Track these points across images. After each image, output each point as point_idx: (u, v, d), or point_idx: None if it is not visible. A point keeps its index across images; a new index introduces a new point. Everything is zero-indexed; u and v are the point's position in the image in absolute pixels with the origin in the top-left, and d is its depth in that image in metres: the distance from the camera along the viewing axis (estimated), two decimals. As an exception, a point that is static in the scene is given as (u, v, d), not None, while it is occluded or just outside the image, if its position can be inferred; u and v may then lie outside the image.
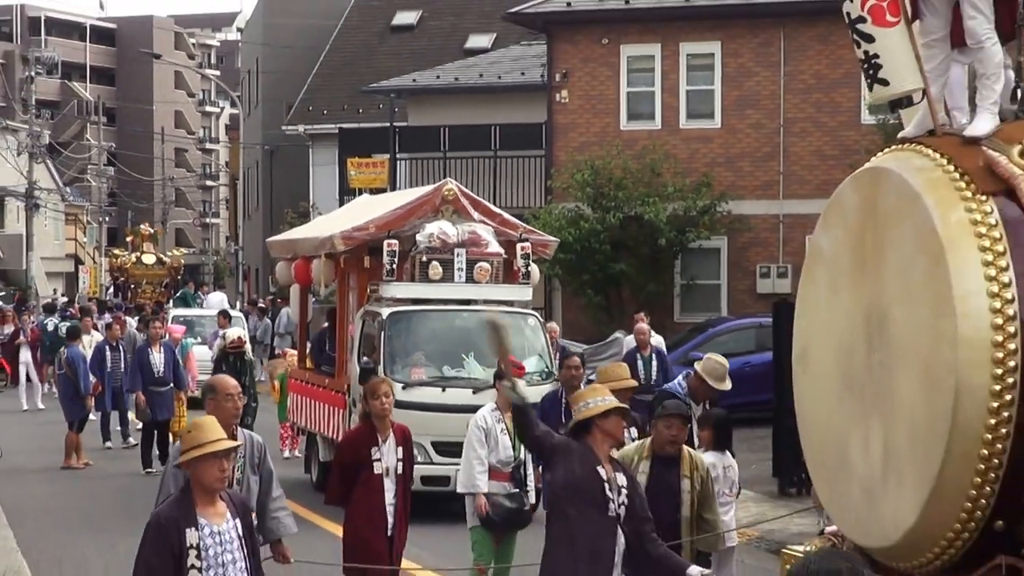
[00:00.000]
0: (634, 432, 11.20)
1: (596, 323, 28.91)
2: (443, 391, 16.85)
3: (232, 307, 39.49)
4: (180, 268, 52.46)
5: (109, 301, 48.85)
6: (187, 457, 7.00)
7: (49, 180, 64.41)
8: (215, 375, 11.44)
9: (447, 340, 17.58)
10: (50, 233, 67.85)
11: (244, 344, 22.99)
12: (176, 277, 50.23)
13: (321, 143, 45.01)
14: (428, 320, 17.67)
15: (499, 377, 12.07)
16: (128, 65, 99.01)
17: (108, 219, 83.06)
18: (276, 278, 24.15)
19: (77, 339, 24.09)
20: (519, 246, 17.94)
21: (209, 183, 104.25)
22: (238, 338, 22.84)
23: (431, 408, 16.44)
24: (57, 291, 62.30)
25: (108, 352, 23.46)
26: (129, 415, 24.15)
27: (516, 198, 32.82)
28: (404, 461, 11.00)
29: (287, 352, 24.70)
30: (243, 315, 36.42)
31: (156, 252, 50.93)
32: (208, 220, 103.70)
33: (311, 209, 42.43)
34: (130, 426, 24.07)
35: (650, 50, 30.82)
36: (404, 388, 16.30)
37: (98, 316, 37.78)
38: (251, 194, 59.25)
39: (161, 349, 21.75)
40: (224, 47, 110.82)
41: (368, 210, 19.59)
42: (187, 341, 24.37)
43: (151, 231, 52.87)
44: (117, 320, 27.34)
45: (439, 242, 17.48)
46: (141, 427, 21.98)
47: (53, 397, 26.56)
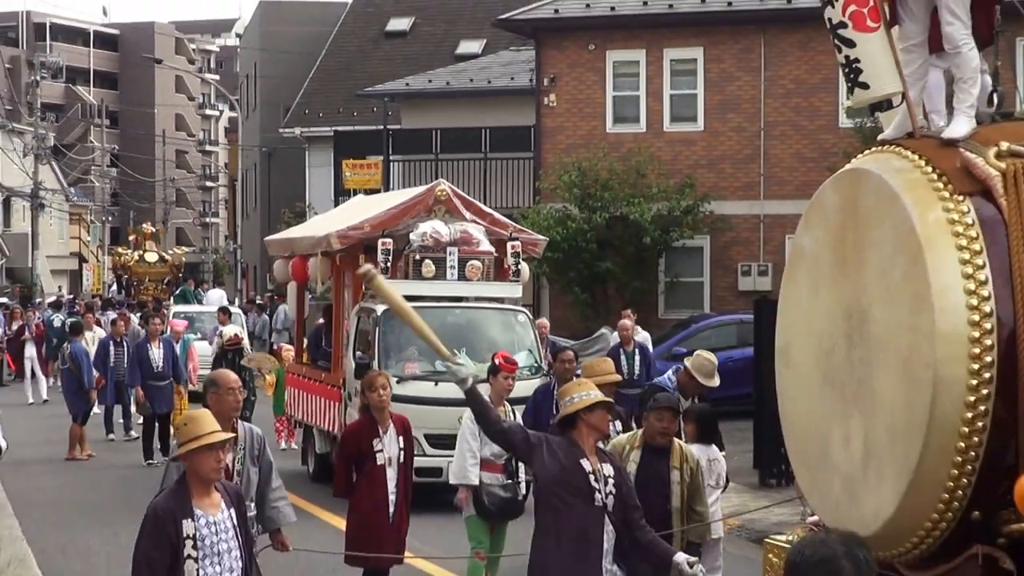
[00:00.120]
0: (618, 425, 11.16)
1: (583, 319, 28.87)
2: (435, 385, 16.79)
3: (231, 304, 39.43)
4: (181, 266, 52.42)
5: (113, 298, 48.80)
6: (185, 449, 6.95)
7: (54, 181, 64.26)
8: (217, 370, 11.38)
9: (440, 336, 17.47)
10: (55, 232, 67.72)
11: (241, 341, 23.02)
12: (177, 275, 50.18)
13: (317, 145, 44.92)
14: (421, 316, 17.57)
15: (492, 372, 12.10)
16: (130, 70, 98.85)
17: (111, 218, 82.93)
18: (274, 275, 24.10)
19: (80, 335, 24.05)
20: (509, 245, 17.91)
21: (209, 184, 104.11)
22: (234, 335, 22.88)
23: (424, 402, 16.40)
24: (62, 288, 62.17)
25: (112, 347, 23.41)
26: (131, 408, 24.10)
27: (506, 199, 32.78)
28: (405, 451, 10.98)
29: (283, 347, 24.66)
30: (242, 312, 36.37)
31: (158, 250, 50.92)
32: (208, 220, 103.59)
33: (307, 209, 42.35)
34: (132, 419, 24.01)
35: (635, 55, 30.78)
36: (398, 382, 16.23)
37: (101, 312, 37.77)
38: (249, 194, 59.15)
39: (160, 345, 21.73)
40: (223, 52, 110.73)
41: (363, 210, 19.54)
42: (188, 336, 24.33)
43: (153, 230, 52.85)
44: (122, 316, 27.29)
45: (432, 241, 17.45)
46: (142, 420, 21.94)
47: (57, 391, 26.50)
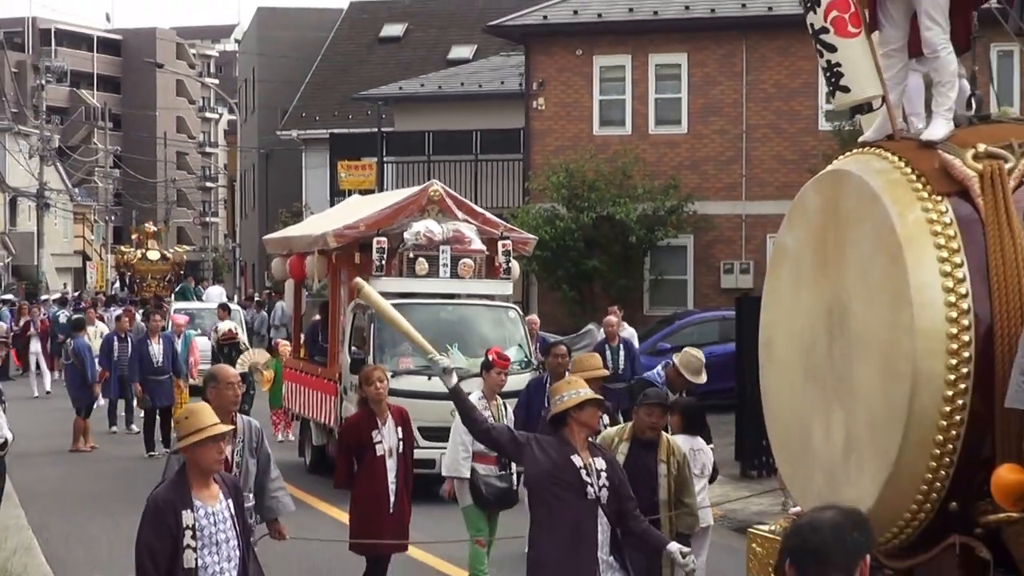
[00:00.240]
0: (605, 419, 11.12)
1: (571, 316, 28.83)
2: (428, 379, 16.67)
3: (230, 300, 39.34)
4: (182, 264, 52.24)
5: (117, 295, 48.67)
6: (187, 442, 6.89)
7: (59, 181, 64.11)
8: (216, 364, 11.34)
9: (432, 331, 17.28)
10: (60, 231, 67.55)
11: (236, 335, 22.97)
12: (179, 272, 50.03)
13: (313, 147, 44.85)
14: (415, 313, 17.47)
15: (486, 368, 12.04)
16: (133, 74, 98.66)
17: (114, 218, 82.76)
18: (272, 273, 24.05)
19: (82, 330, 23.96)
20: (500, 243, 17.87)
21: (209, 184, 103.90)
22: (229, 330, 22.87)
23: (417, 395, 16.32)
24: (67, 285, 62.04)
25: (116, 343, 23.31)
26: (134, 403, 24.04)
27: (496, 199, 32.72)
28: (404, 441, 10.94)
29: (280, 342, 24.59)
30: (241, 308, 36.29)
31: (160, 249, 50.73)
32: (208, 219, 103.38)
33: (304, 209, 42.27)
34: (134, 413, 23.94)
35: (621, 60, 30.74)
36: (392, 376, 16.18)
37: (105, 309, 37.67)
38: (248, 195, 59.05)
39: (160, 340, 21.66)
40: (223, 57, 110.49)
41: (358, 210, 19.48)
42: (189, 332, 24.27)
43: (155, 229, 52.62)
44: (127, 312, 27.20)
45: (425, 240, 17.41)
46: (143, 414, 21.89)
47: (61, 385, 26.43)
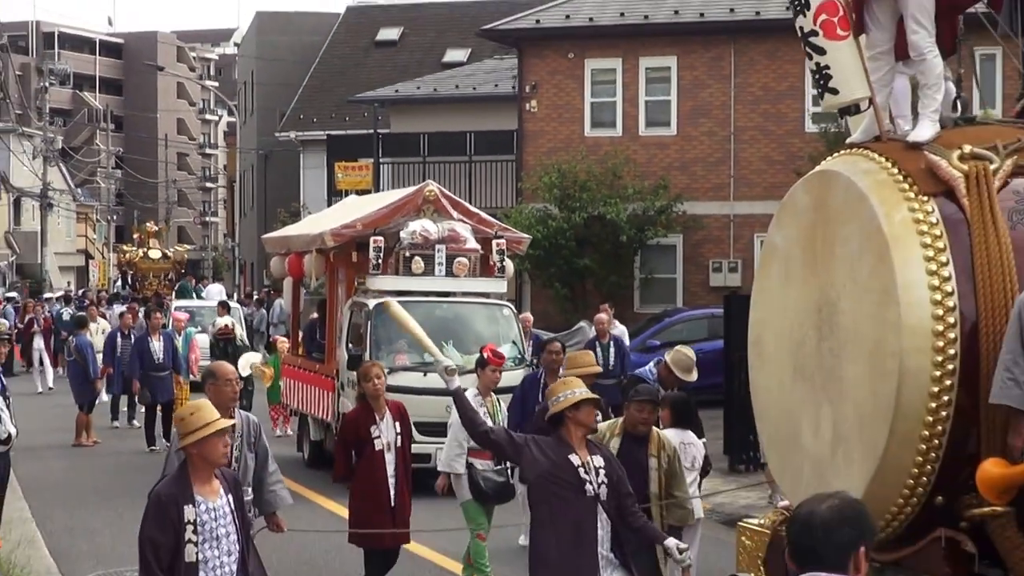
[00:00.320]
0: (598, 415, 11.07)
1: (562, 313, 28.82)
2: (424, 376, 16.67)
3: (229, 298, 39.30)
4: (183, 262, 52.18)
5: (119, 292, 48.61)
6: (196, 437, 6.84)
7: (62, 182, 63.97)
8: (215, 362, 11.29)
9: (428, 329, 17.24)
10: (63, 230, 67.42)
11: (232, 331, 22.94)
12: (180, 271, 49.99)
13: (311, 148, 44.81)
14: (411, 310, 17.27)
15: (481, 365, 12.01)
16: (134, 76, 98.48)
17: (116, 217, 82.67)
18: (270, 271, 24.00)
19: (85, 327, 23.91)
20: (495, 242, 17.82)
21: (208, 185, 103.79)
22: (225, 326, 22.87)
23: (413, 391, 16.26)
24: (70, 283, 61.94)
25: (120, 340, 23.26)
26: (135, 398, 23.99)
27: (489, 199, 32.69)
28: (402, 435, 10.91)
29: (278, 339, 24.56)
30: (240, 305, 36.24)
31: (161, 248, 50.67)
32: (208, 219, 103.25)
33: (302, 209, 42.22)
34: (136, 408, 23.89)
35: (612, 64, 30.73)
36: (388, 373, 16.16)
37: (107, 307, 37.61)
38: (247, 195, 58.99)
39: (160, 338, 21.61)
40: (222, 60, 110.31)
41: (355, 209, 19.43)
42: (190, 330, 24.22)
43: (156, 228, 52.54)
44: (131, 310, 27.16)
45: (421, 239, 17.36)
46: (144, 409, 21.85)
47: (64, 380, 26.35)
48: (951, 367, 7.05)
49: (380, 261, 17.26)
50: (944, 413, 7.06)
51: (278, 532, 9.58)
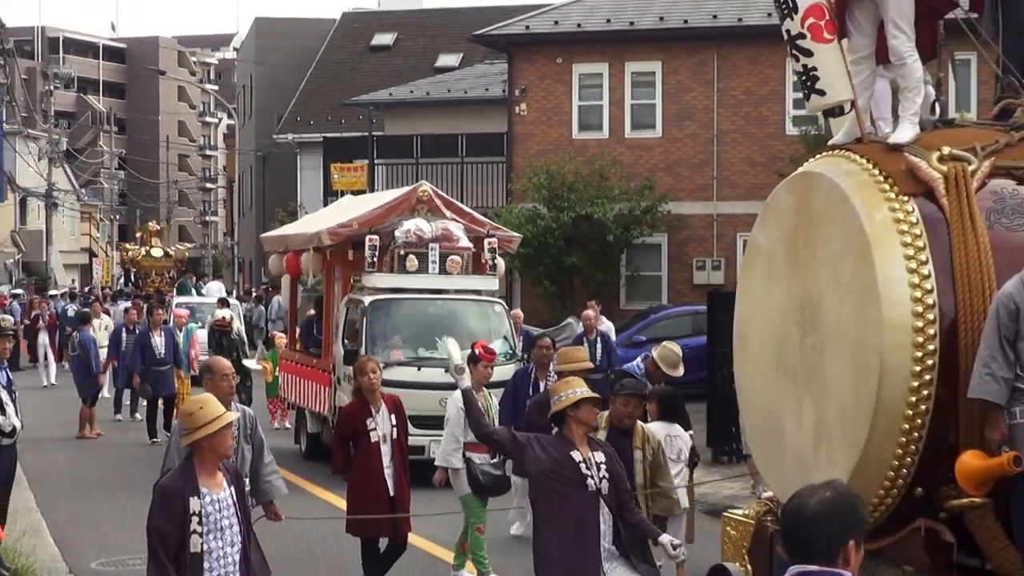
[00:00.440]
0: (598, 413, 11.04)
1: (551, 310, 28.79)
2: (419, 370, 16.67)
3: (229, 295, 39.24)
4: (184, 260, 52.16)
5: (123, 290, 48.53)
6: (208, 431, 6.78)
7: (66, 182, 63.86)
8: (212, 357, 11.25)
9: (422, 325, 17.40)
10: (67, 229, 67.28)
11: (228, 324, 22.94)
12: (181, 268, 49.96)
13: (308, 150, 44.70)
14: (405, 307, 17.49)
15: (473, 361, 11.99)
16: (137, 80, 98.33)
17: (119, 217, 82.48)
18: (269, 269, 23.93)
19: (88, 323, 23.84)
20: (487, 241, 17.79)
21: (208, 185, 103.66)
22: (223, 318, 22.96)
23: (408, 385, 16.22)
24: (74, 281, 61.83)
25: (124, 335, 23.19)
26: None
27: (480, 199, 32.65)
28: (398, 428, 10.87)
29: (276, 335, 24.51)
30: (239, 302, 36.19)
31: (163, 246, 50.66)
32: (208, 218, 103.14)
33: (299, 208, 42.13)
34: (138, 402, 23.83)
35: (599, 68, 30.69)
36: (384, 367, 16.10)
37: (111, 303, 37.55)
38: (246, 195, 58.87)
39: (162, 333, 21.55)
40: (222, 64, 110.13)
41: (351, 209, 19.40)
42: (191, 326, 24.17)
43: (157, 228, 52.58)
44: (135, 306, 27.09)
45: (415, 237, 17.33)
46: (146, 403, 21.79)
47: (68, 375, 26.29)
48: (931, 363, 7.02)
49: (375, 259, 17.23)
50: (924, 407, 7.03)
51: (276, 521, 9.54)
